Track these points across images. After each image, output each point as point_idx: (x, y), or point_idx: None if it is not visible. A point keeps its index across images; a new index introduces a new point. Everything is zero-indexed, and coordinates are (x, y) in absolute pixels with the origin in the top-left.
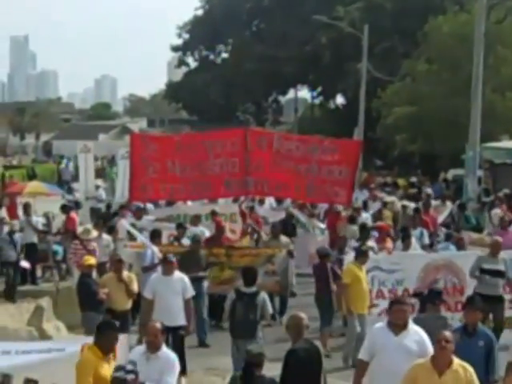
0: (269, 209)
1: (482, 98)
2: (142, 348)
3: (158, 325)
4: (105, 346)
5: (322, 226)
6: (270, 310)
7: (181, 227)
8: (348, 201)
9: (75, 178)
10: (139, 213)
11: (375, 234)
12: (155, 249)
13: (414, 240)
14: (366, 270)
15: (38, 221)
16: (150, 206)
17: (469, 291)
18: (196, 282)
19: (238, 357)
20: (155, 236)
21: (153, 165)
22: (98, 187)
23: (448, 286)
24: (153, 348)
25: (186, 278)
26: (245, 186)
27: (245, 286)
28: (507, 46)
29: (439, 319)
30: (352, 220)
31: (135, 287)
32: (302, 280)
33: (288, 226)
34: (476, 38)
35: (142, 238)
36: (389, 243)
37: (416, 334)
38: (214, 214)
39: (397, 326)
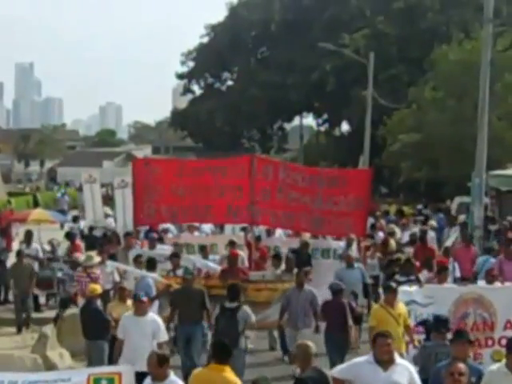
0: (279, 238)
1: (489, 125)
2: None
3: (154, 356)
4: None
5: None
6: (253, 319)
7: (175, 257)
8: (360, 231)
9: (71, 207)
10: (153, 243)
11: None
12: (154, 276)
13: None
14: (405, 303)
15: (38, 249)
16: (172, 228)
17: (500, 326)
18: (192, 324)
19: None
20: (150, 265)
21: (156, 188)
22: (107, 216)
23: (477, 320)
24: (157, 379)
25: (160, 321)
26: (250, 214)
27: (228, 301)
28: None
29: (445, 347)
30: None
31: None
32: None
33: (303, 257)
34: (482, 66)
35: (136, 271)
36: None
37: (404, 368)
38: (232, 244)
39: (383, 361)
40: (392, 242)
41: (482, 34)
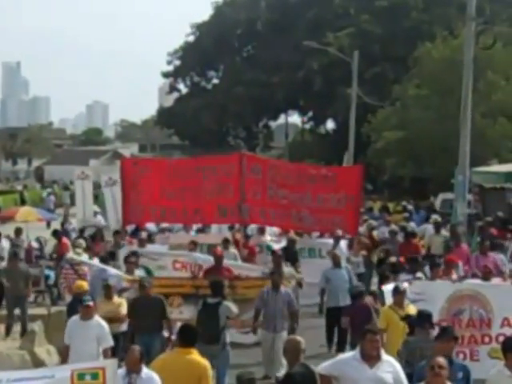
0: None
1: (472, 122)
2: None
3: (137, 350)
4: None
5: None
6: (234, 311)
7: (134, 255)
8: (351, 229)
9: (58, 205)
10: (143, 241)
11: None
12: (114, 271)
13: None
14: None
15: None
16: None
17: (497, 324)
18: (151, 335)
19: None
20: (110, 258)
21: (144, 188)
22: (96, 213)
23: (474, 317)
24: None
25: (106, 326)
26: (240, 213)
27: (211, 297)
28: (497, 72)
29: (429, 343)
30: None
31: (124, 311)
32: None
33: (290, 254)
34: (465, 64)
35: (95, 263)
36: (454, 276)
37: (390, 364)
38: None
39: (371, 357)
40: (375, 234)
41: (464, 32)
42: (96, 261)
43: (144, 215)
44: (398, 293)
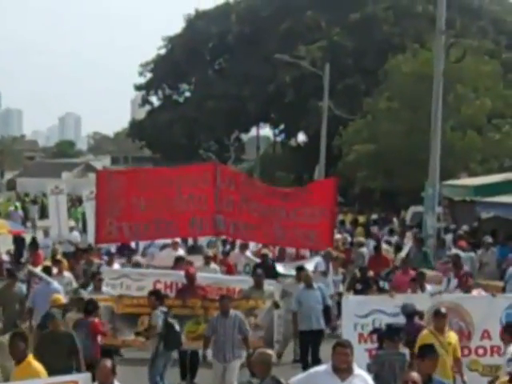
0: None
1: (442, 135)
2: None
3: (108, 364)
4: None
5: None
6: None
7: (98, 275)
8: (325, 244)
9: (24, 220)
10: (111, 259)
11: None
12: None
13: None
14: (366, 313)
15: None
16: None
17: (476, 336)
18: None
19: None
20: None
21: (117, 202)
22: (72, 229)
23: (454, 329)
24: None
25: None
26: (215, 224)
27: None
28: (467, 85)
29: (398, 356)
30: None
31: None
32: None
33: (267, 269)
34: (435, 77)
35: (44, 276)
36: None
37: (362, 378)
38: (179, 260)
39: (341, 370)
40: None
41: (434, 46)
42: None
43: (118, 234)
44: (439, 316)
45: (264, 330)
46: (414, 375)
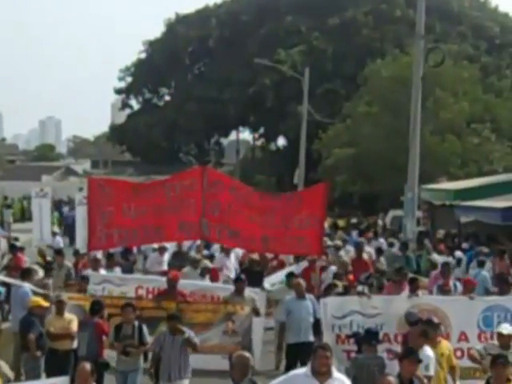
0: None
1: (421, 140)
2: None
3: (88, 367)
4: None
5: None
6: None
7: (83, 279)
8: (315, 250)
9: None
10: (96, 264)
11: None
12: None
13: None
14: (344, 314)
15: None
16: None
17: (454, 338)
18: None
19: None
20: (25, 275)
21: (108, 210)
22: (54, 234)
23: None
24: None
25: None
26: (200, 229)
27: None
28: (446, 89)
29: (376, 359)
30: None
31: (75, 328)
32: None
33: (253, 275)
34: (414, 81)
35: (10, 280)
36: None
37: (341, 382)
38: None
39: (321, 373)
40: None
41: (413, 50)
42: None
43: (107, 241)
44: (429, 326)
45: (241, 336)
46: (391, 379)
